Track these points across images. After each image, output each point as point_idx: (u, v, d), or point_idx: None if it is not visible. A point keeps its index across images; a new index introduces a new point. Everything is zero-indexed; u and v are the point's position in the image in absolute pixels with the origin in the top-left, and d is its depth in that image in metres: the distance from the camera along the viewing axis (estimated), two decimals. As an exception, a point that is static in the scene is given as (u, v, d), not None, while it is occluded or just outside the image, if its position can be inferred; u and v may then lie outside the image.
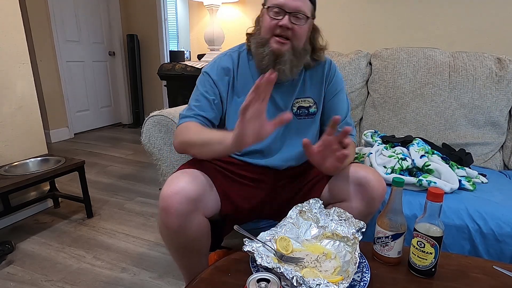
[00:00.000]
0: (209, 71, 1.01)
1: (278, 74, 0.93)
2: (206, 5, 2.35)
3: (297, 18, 0.91)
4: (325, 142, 0.83)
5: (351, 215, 0.81)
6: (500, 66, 1.47)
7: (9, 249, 1.52)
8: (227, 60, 1.03)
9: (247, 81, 1.01)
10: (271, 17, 0.92)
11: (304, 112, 1.05)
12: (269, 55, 0.94)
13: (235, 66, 1.02)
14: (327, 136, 0.83)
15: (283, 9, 0.90)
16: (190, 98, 1.02)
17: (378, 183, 0.90)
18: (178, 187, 0.81)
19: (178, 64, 2.39)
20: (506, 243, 1.02)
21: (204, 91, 0.99)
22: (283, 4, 0.90)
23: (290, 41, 0.93)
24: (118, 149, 3.23)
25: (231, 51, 1.06)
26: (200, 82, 1.02)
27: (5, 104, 1.73)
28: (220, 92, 1.00)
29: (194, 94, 1.02)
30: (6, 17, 1.70)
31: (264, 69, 0.95)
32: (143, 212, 1.95)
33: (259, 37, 0.97)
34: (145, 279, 1.37)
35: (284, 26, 0.91)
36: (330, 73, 1.07)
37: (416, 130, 1.56)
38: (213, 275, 0.76)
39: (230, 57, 1.03)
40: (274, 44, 0.94)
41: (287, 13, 0.90)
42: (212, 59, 1.06)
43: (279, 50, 0.93)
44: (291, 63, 0.95)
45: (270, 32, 0.94)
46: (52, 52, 3.33)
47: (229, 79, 1.01)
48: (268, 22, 0.93)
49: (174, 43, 5.13)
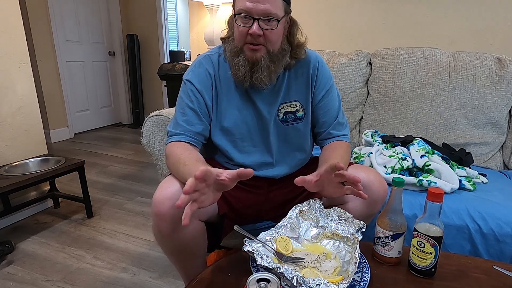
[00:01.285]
0: (191, 79, 0.95)
1: (256, 83, 0.90)
2: (206, 5, 2.35)
3: (267, 21, 0.84)
4: (322, 177, 0.80)
5: (351, 215, 0.81)
6: (500, 66, 1.47)
7: (9, 249, 1.53)
8: (207, 63, 0.97)
9: (229, 85, 0.97)
10: (239, 24, 0.86)
11: (291, 117, 0.99)
12: (245, 64, 0.89)
13: (216, 69, 0.97)
14: (324, 173, 0.79)
15: (250, 15, 0.83)
16: (175, 110, 0.97)
17: (380, 185, 0.89)
18: (170, 192, 0.80)
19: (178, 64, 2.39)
20: (506, 243, 1.02)
21: (189, 102, 0.94)
22: (250, 10, 0.82)
23: (264, 46, 0.87)
24: (118, 149, 3.23)
25: (211, 53, 0.99)
26: (183, 92, 0.96)
27: (5, 104, 1.73)
28: (205, 101, 0.95)
29: (179, 106, 0.96)
30: (6, 17, 1.70)
31: (241, 80, 0.91)
32: (143, 212, 1.95)
33: (233, 45, 0.91)
34: (145, 279, 1.37)
35: (254, 34, 0.84)
36: (317, 72, 0.99)
37: (416, 130, 1.56)
38: (213, 275, 0.76)
39: (210, 60, 0.97)
40: (248, 52, 0.88)
41: (255, 19, 0.83)
42: (192, 63, 1.00)
43: (253, 58, 0.88)
44: (268, 69, 0.90)
45: (242, 40, 0.88)
46: (52, 52, 3.33)
47: (211, 84, 0.96)
48: (238, 29, 0.87)
49: (174, 43, 5.13)
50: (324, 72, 1.01)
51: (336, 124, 1.02)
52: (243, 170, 0.69)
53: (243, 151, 1.00)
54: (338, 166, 0.74)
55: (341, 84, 1.65)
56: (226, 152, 1.00)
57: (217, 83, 0.97)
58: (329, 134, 1.02)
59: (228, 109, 0.97)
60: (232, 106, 0.97)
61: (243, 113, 0.97)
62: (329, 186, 0.82)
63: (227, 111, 0.97)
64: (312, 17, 2.01)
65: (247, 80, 0.91)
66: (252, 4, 0.82)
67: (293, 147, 1.03)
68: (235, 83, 0.97)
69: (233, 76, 0.94)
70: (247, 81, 0.91)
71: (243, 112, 0.97)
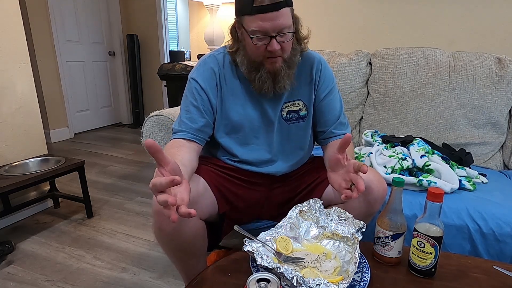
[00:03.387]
0: (196, 77, 0.96)
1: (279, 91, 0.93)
2: (206, 5, 2.35)
3: (283, 35, 0.85)
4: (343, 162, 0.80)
5: (351, 215, 0.81)
6: (500, 66, 1.46)
7: (9, 249, 1.53)
8: (213, 62, 0.98)
9: (234, 83, 0.98)
10: (256, 43, 0.86)
11: (294, 116, 1.01)
12: (268, 77, 0.91)
13: (221, 68, 0.98)
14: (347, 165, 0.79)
15: (267, 34, 0.84)
16: (180, 108, 0.99)
17: (379, 184, 0.90)
18: None
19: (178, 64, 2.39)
20: (506, 243, 1.02)
21: (193, 100, 0.95)
22: (266, 30, 0.83)
23: (281, 56, 0.89)
24: (118, 149, 3.22)
25: (216, 52, 1.00)
26: (188, 90, 0.98)
27: (5, 104, 1.73)
28: (210, 99, 0.96)
29: (184, 104, 0.97)
30: (6, 17, 1.70)
31: (265, 93, 0.93)
32: (143, 212, 1.95)
33: (246, 60, 0.92)
34: (145, 279, 1.37)
35: (274, 51, 0.85)
36: (320, 72, 1.02)
37: (416, 130, 1.56)
38: (213, 275, 0.76)
39: (215, 59, 0.98)
40: (268, 65, 0.90)
41: (272, 37, 0.84)
42: (197, 62, 1.01)
43: (274, 69, 0.90)
44: (289, 76, 0.92)
45: (260, 56, 0.89)
46: (52, 52, 3.33)
47: (216, 82, 0.97)
48: (255, 47, 0.87)
49: (174, 43, 5.13)
50: (327, 72, 1.03)
51: (338, 124, 1.03)
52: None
53: (246, 148, 1.01)
54: (363, 169, 0.73)
55: (341, 84, 1.65)
56: (229, 149, 1.00)
57: (222, 81, 0.98)
58: (331, 133, 1.03)
59: (233, 107, 0.98)
60: (237, 103, 0.98)
61: (248, 111, 0.98)
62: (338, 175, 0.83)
63: (231, 109, 0.98)
64: (312, 17, 2.01)
65: (271, 91, 0.93)
66: (268, 24, 0.82)
67: (295, 145, 1.04)
68: (240, 82, 0.98)
69: (257, 90, 0.94)
70: (271, 92, 0.93)
71: (248, 109, 0.98)
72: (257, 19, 0.82)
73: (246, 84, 0.97)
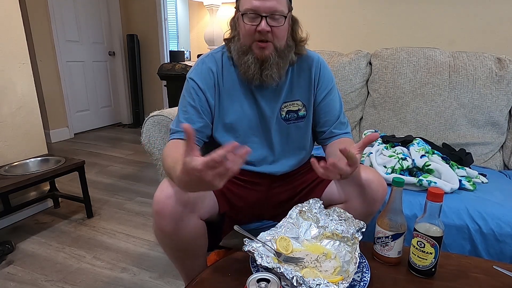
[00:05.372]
0: (194, 77, 0.97)
1: (266, 80, 0.92)
2: (206, 5, 2.35)
3: (274, 18, 0.86)
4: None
5: (351, 215, 0.81)
6: (500, 66, 1.47)
7: (9, 249, 1.53)
8: (211, 62, 0.98)
9: (232, 83, 0.98)
10: (247, 23, 0.87)
11: (293, 116, 1.01)
12: (254, 62, 0.91)
13: (219, 67, 0.98)
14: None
15: (258, 13, 0.85)
16: (178, 108, 0.99)
17: (379, 184, 0.90)
18: (171, 191, 0.80)
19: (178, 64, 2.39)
20: (506, 243, 1.02)
21: (190, 100, 0.96)
22: (257, 8, 0.84)
23: (272, 43, 0.89)
24: (118, 149, 3.22)
25: (214, 52, 1.01)
26: (186, 90, 0.98)
27: (5, 104, 1.73)
28: (207, 98, 0.96)
29: (181, 104, 0.98)
30: (6, 17, 1.70)
31: (251, 79, 0.92)
32: (143, 212, 1.95)
33: (239, 44, 0.93)
34: (145, 279, 1.37)
35: (263, 31, 0.86)
36: (319, 72, 1.02)
37: (416, 130, 1.56)
38: (213, 275, 0.76)
39: (213, 58, 0.99)
40: (256, 50, 0.90)
41: (263, 17, 0.85)
42: (195, 62, 1.02)
43: (262, 56, 0.90)
44: (277, 66, 0.92)
45: (250, 38, 0.89)
46: (52, 52, 3.33)
47: (214, 82, 0.97)
48: (246, 28, 0.88)
49: (174, 43, 5.13)
50: (326, 73, 1.03)
51: (338, 123, 1.03)
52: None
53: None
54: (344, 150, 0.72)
55: (341, 84, 1.65)
56: None
57: (219, 80, 0.98)
58: (332, 133, 1.03)
59: (231, 106, 0.98)
60: (235, 103, 0.98)
61: (246, 111, 0.98)
62: None
63: (229, 108, 0.98)
64: (312, 17, 2.01)
65: (257, 78, 0.92)
66: (259, 2, 0.84)
67: (295, 145, 1.04)
68: (238, 81, 0.97)
69: (242, 75, 0.95)
70: (257, 79, 0.93)
71: (246, 109, 0.98)
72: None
73: (244, 83, 0.97)
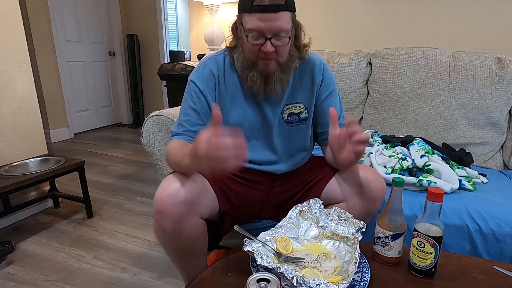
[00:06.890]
0: (195, 80, 0.96)
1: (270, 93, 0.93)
2: (206, 5, 2.35)
3: (279, 38, 0.84)
4: (342, 136, 0.83)
5: (351, 215, 0.81)
6: (500, 66, 1.46)
7: (9, 249, 1.52)
8: (212, 64, 0.98)
9: (234, 86, 0.98)
10: (251, 42, 0.85)
11: (295, 118, 1.01)
12: (260, 78, 0.91)
13: (220, 70, 0.97)
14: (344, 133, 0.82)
15: (262, 35, 0.83)
16: (180, 111, 0.99)
17: (378, 183, 0.90)
18: (172, 190, 0.81)
19: (178, 64, 2.39)
20: (506, 243, 1.02)
21: (191, 103, 0.95)
22: (262, 29, 0.82)
23: (275, 60, 0.89)
24: (118, 149, 3.22)
25: (216, 54, 1.00)
26: (187, 93, 0.98)
27: (5, 104, 1.73)
28: (208, 101, 0.96)
29: (183, 107, 0.98)
30: (6, 17, 1.70)
31: (256, 92, 0.93)
32: (143, 212, 1.95)
33: (242, 57, 0.92)
34: (145, 279, 1.37)
35: (267, 52, 0.85)
36: (322, 75, 1.02)
37: (416, 130, 1.56)
38: (213, 275, 0.76)
39: (215, 61, 0.98)
40: (261, 65, 0.89)
41: (267, 38, 0.83)
42: (197, 64, 1.02)
43: (267, 71, 0.90)
44: (281, 81, 0.92)
45: (254, 55, 0.89)
46: (52, 52, 3.32)
47: (215, 84, 0.97)
48: (249, 46, 0.87)
49: (174, 43, 5.12)
50: (328, 75, 1.04)
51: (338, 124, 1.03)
52: None
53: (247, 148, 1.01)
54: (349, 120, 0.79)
55: (341, 84, 1.65)
56: None
57: (221, 83, 0.98)
58: None
59: (232, 109, 0.98)
60: (237, 105, 0.98)
61: (248, 113, 0.98)
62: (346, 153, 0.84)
63: (231, 111, 0.98)
64: (312, 17, 2.01)
65: (262, 92, 0.93)
66: (264, 24, 0.82)
67: (296, 147, 1.05)
68: (240, 84, 0.97)
69: (248, 89, 0.95)
70: (262, 93, 0.93)
71: (248, 111, 0.98)
72: (254, 18, 0.82)
73: (245, 86, 0.97)
